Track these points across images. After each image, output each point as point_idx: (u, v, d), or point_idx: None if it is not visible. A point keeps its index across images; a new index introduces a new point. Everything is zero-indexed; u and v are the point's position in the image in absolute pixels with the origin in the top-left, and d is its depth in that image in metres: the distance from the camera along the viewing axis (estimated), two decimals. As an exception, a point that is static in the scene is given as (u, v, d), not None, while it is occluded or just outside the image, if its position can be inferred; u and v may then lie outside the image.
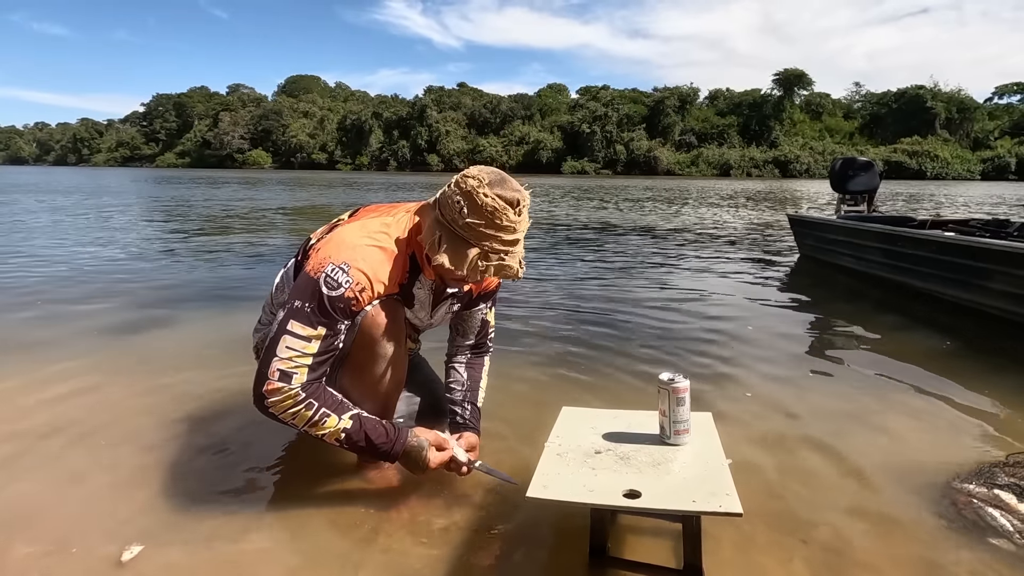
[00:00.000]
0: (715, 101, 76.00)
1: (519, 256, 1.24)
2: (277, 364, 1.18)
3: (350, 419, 1.23)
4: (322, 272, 1.21)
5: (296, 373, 1.19)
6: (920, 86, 68.45)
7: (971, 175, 58.31)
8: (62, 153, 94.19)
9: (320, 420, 1.20)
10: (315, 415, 1.20)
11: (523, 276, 1.26)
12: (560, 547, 1.21)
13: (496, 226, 1.19)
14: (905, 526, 1.30)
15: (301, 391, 1.19)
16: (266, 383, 1.18)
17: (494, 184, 1.19)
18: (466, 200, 1.18)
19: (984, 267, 3.05)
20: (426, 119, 72.18)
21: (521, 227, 1.23)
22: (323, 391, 1.23)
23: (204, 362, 2.31)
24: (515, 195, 1.21)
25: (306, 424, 1.20)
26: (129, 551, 1.17)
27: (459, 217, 1.19)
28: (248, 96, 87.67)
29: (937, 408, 1.96)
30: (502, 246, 1.20)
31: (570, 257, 5.47)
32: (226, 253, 5.50)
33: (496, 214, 1.18)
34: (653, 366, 2.29)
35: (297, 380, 1.19)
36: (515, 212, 1.20)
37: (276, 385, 1.18)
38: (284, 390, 1.18)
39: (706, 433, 1.27)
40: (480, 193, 1.18)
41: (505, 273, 1.22)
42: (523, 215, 1.22)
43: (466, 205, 1.18)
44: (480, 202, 1.17)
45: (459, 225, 1.19)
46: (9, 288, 3.74)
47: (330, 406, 1.22)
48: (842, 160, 5.03)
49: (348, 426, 1.23)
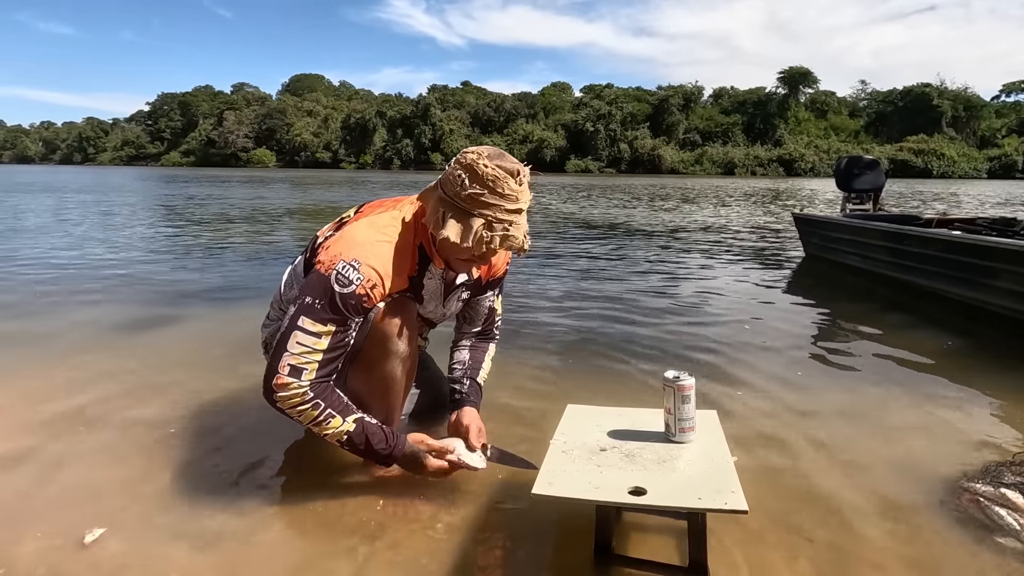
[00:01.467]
0: (719, 99, 75.71)
1: (523, 229, 1.25)
2: (288, 359, 1.20)
3: (353, 422, 1.26)
4: (333, 269, 1.23)
5: (306, 369, 1.21)
6: (926, 84, 68.06)
7: (978, 173, 57.93)
8: (68, 152, 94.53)
9: (325, 420, 1.23)
10: (320, 415, 1.22)
11: (529, 248, 1.27)
12: (565, 544, 1.21)
13: (498, 194, 1.20)
14: (912, 525, 1.29)
15: (310, 391, 1.21)
16: (276, 377, 1.20)
17: (493, 156, 1.22)
18: (467, 172, 1.20)
19: (991, 266, 3.03)
20: (430, 118, 72.17)
21: (523, 197, 1.24)
22: (331, 392, 1.25)
23: (211, 359, 2.33)
24: (515, 166, 1.23)
25: (311, 422, 1.23)
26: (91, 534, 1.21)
27: (461, 190, 1.20)
28: (252, 95, 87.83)
29: (943, 407, 1.96)
30: (506, 215, 1.21)
31: (574, 255, 5.47)
32: (233, 251, 5.52)
33: (497, 182, 1.20)
34: (658, 364, 2.29)
35: (307, 376, 1.21)
36: (516, 181, 1.22)
37: (286, 380, 1.20)
38: (293, 385, 1.20)
39: (711, 431, 1.27)
40: (480, 164, 1.20)
41: (511, 243, 1.22)
42: (524, 186, 1.24)
43: (467, 176, 1.20)
44: (481, 172, 1.19)
45: (462, 198, 1.21)
46: (18, 287, 3.76)
47: (336, 407, 1.24)
48: (847, 159, 5.01)
49: (351, 429, 1.25)
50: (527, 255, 1.32)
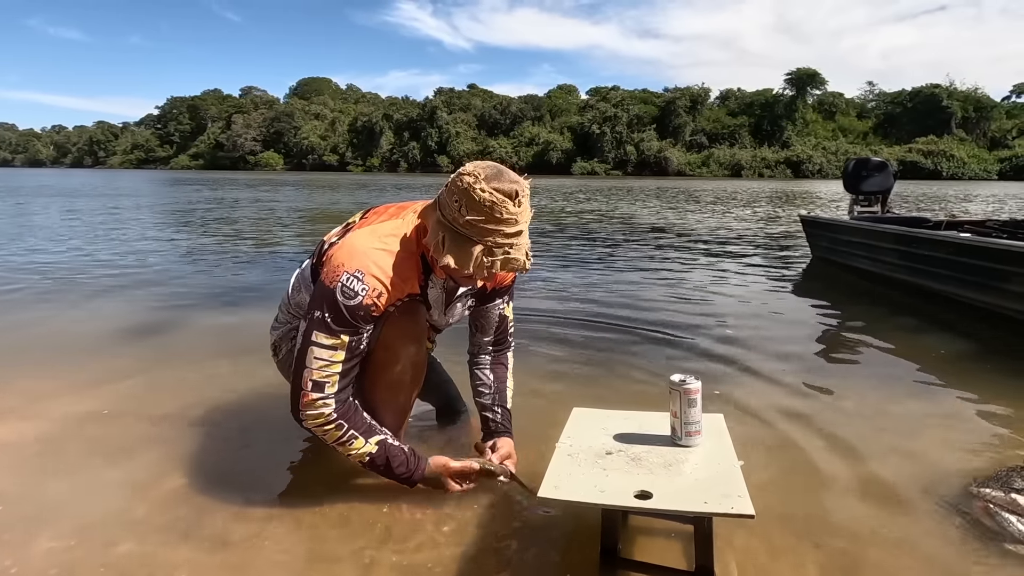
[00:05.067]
0: (726, 101, 75.53)
1: (524, 247, 1.22)
2: (308, 376, 1.23)
3: (376, 444, 1.28)
4: (338, 282, 1.22)
5: (328, 382, 1.23)
6: (936, 85, 67.60)
7: (988, 175, 57.44)
8: (79, 155, 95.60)
9: (348, 441, 1.26)
10: (343, 436, 1.25)
11: (531, 267, 1.25)
12: (571, 548, 1.21)
13: (497, 220, 1.16)
14: (921, 531, 1.28)
15: (334, 412, 1.24)
16: (302, 395, 1.23)
17: (490, 178, 1.17)
18: (464, 198, 1.16)
19: (1002, 269, 3.00)
20: (436, 120, 72.43)
21: (523, 218, 1.20)
22: (354, 413, 1.28)
23: (220, 361, 2.34)
24: (513, 187, 1.18)
25: (335, 442, 1.26)
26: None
27: (459, 216, 1.17)
28: (260, 98, 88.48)
29: (953, 412, 1.94)
30: (505, 239, 1.18)
31: (580, 257, 5.46)
32: (242, 253, 5.55)
33: (495, 208, 1.15)
34: (664, 367, 2.29)
35: (329, 389, 1.23)
36: (514, 204, 1.17)
37: (311, 396, 1.23)
38: (319, 402, 1.23)
39: (718, 435, 1.26)
40: (477, 189, 1.15)
41: (512, 266, 1.20)
42: (523, 205, 1.19)
43: (464, 203, 1.16)
44: (478, 198, 1.15)
45: (460, 224, 1.18)
46: (28, 287, 3.80)
47: (358, 429, 1.27)
48: (856, 160, 4.98)
49: (372, 451, 1.28)
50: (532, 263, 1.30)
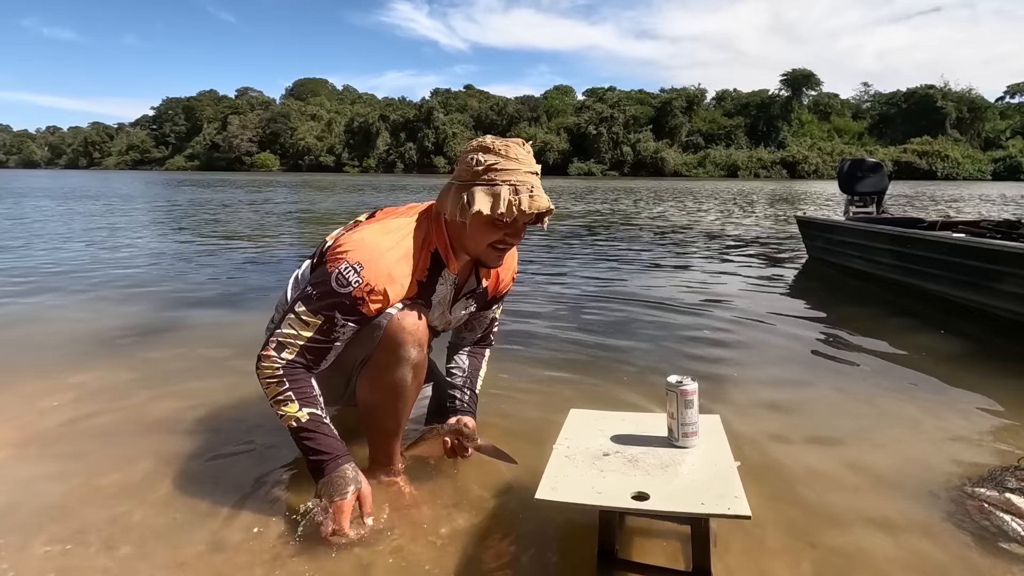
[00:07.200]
0: (722, 102, 75.79)
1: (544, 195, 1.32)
2: (278, 336, 1.27)
3: (308, 415, 1.25)
4: (336, 268, 1.27)
5: (287, 349, 1.26)
6: (930, 86, 68.02)
7: (982, 175, 57.77)
8: (73, 157, 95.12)
9: (284, 402, 1.25)
10: (281, 394, 1.25)
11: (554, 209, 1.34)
12: (568, 549, 1.21)
13: (512, 159, 1.27)
14: (915, 530, 1.29)
15: (281, 368, 1.25)
16: (264, 348, 1.28)
17: (495, 137, 1.33)
18: (479, 149, 1.29)
19: (995, 269, 3.02)
20: (433, 121, 72.45)
21: (534, 164, 1.31)
22: (303, 379, 1.28)
23: (216, 363, 2.34)
24: (518, 139, 1.32)
25: (272, 398, 1.26)
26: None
27: (478, 167, 1.27)
28: (256, 99, 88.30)
29: (947, 412, 1.95)
30: (526, 177, 1.28)
31: (577, 258, 5.47)
32: (238, 255, 5.54)
33: (509, 149, 1.28)
34: (661, 369, 2.29)
35: (287, 354, 1.26)
36: (524, 149, 1.30)
37: (270, 352, 1.27)
38: (273, 358, 1.26)
39: (714, 436, 1.27)
40: (487, 140, 1.30)
41: (539, 204, 1.27)
42: (531, 154, 1.32)
43: (481, 153, 1.28)
44: (491, 144, 1.29)
45: (480, 174, 1.27)
46: (24, 291, 3.79)
47: (298, 394, 1.25)
48: (850, 161, 5.00)
49: (303, 420, 1.24)
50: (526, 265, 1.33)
